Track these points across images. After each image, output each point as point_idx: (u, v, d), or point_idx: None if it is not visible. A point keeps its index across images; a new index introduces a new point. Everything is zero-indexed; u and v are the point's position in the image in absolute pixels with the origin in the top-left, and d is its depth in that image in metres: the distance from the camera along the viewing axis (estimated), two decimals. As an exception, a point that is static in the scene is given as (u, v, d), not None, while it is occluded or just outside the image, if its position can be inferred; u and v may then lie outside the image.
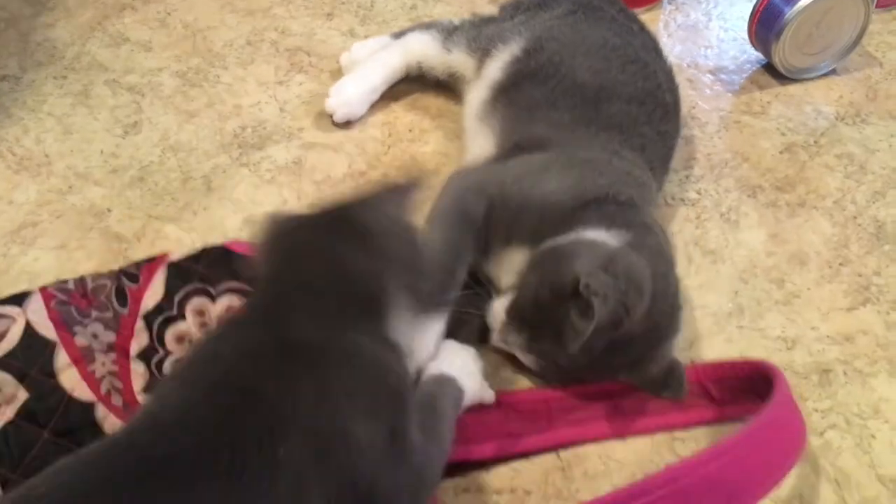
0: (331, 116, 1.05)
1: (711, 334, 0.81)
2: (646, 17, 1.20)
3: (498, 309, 0.76)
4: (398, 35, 1.12)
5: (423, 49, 1.06)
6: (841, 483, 0.71)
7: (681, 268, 0.86)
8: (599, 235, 0.74)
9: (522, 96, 0.91)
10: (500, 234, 0.79)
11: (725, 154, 1.00)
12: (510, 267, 0.78)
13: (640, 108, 0.89)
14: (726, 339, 0.81)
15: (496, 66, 0.96)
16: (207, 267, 0.78)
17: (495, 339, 0.77)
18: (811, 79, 1.09)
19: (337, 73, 1.11)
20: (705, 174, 0.97)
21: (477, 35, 1.03)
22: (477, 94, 0.96)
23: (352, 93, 1.05)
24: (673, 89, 0.95)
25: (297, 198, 0.96)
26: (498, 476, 0.71)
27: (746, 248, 0.89)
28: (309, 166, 1.00)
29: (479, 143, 0.92)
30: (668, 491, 0.62)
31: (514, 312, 0.74)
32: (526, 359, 0.76)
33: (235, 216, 0.94)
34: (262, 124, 1.05)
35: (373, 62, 1.07)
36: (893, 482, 0.71)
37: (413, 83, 1.11)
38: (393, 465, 0.55)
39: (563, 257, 0.72)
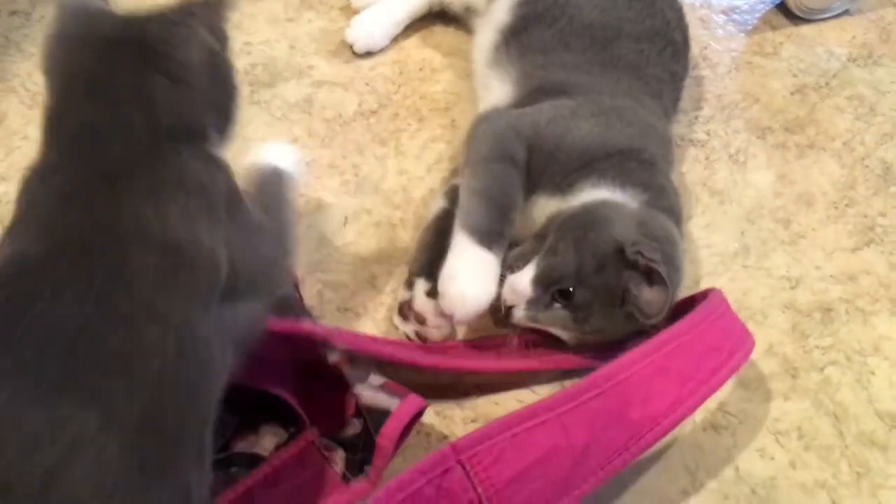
0: (350, 47, 1.05)
1: (716, 273, 0.82)
2: (659, -46, 1.18)
3: (521, 283, 0.71)
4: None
5: None
6: (839, 417, 0.73)
7: (688, 208, 0.87)
8: (616, 195, 0.75)
9: (533, 39, 0.91)
10: (530, 181, 0.76)
11: (736, 95, 1.00)
12: (535, 217, 0.77)
13: (650, 47, 0.89)
14: (731, 278, 0.82)
15: (504, 6, 0.95)
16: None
17: (521, 315, 0.72)
18: (825, 19, 1.08)
19: (347, 11, 1.10)
20: (715, 115, 0.97)
21: None
22: (486, 38, 0.95)
23: (374, 24, 1.06)
24: (682, 27, 0.95)
25: (308, 135, 0.97)
26: (505, 408, 0.74)
27: (754, 189, 0.90)
28: (319, 104, 1.01)
29: (495, 90, 0.91)
30: (601, 390, 0.60)
31: (544, 285, 0.71)
32: (562, 333, 0.73)
33: (245, 153, 0.95)
34: (272, 62, 1.05)
35: None
36: (890, 417, 0.73)
37: (425, 20, 1.10)
38: (248, 244, 0.59)
39: (595, 223, 0.72)
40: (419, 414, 0.64)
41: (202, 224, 0.56)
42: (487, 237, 0.71)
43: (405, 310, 0.77)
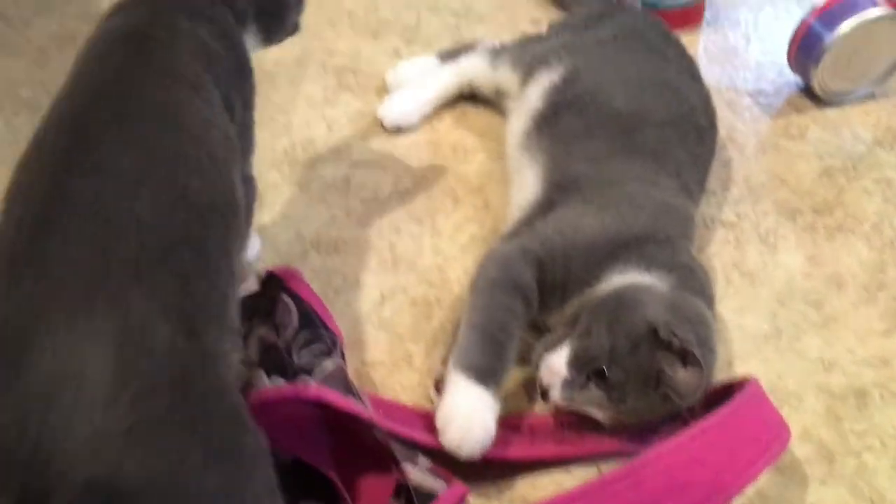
0: (381, 123, 1.10)
1: (749, 356, 0.83)
2: (685, 39, 1.21)
3: (557, 364, 0.73)
4: (443, 54, 1.16)
5: (474, 68, 1.11)
6: (876, 503, 0.72)
7: (719, 290, 0.89)
8: (644, 278, 0.77)
9: (561, 127, 0.94)
10: (558, 291, 0.78)
11: (763, 177, 1.01)
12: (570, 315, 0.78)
13: (673, 132, 0.92)
14: (763, 360, 0.83)
15: (536, 94, 0.99)
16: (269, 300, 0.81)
17: (557, 396, 0.74)
18: (849, 103, 1.10)
19: (383, 92, 1.15)
20: (744, 197, 0.99)
21: (522, 53, 1.07)
22: (519, 123, 0.99)
23: (405, 102, 1.11)
24: (709, 112, 0.98)
25: (346, 214, 1.00)
26: (545, 491, 0.74)
27: (784, 271, 0.91)
28: (356, 184, 1.04)
29: (523, 177, 0.94)
30: (638, 479, 0.62)
31: (579, 365, 0.73)
32: (598, 414, 0.74)
33: (286, 231, 0.98)
34: (311, 142, 1.09)
35: (429, 79, 1.12)
36: (928, 504, 0.72)
37: (459, 101, 1.14)
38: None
39: (627, 305, 0.73)
40: (462, 500, 0.65)
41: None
42: (483, 375, 0.72)
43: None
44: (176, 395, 0.49)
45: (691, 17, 1.24)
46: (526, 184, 0.92)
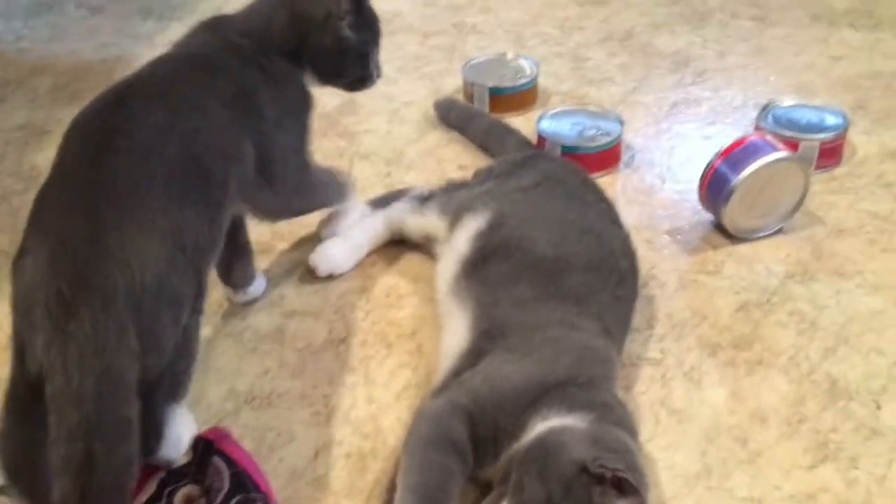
0: (313, 271, 1.11)
1: (681, 496, 0.84)
2: (604, 180, 1.29)
3: None
4: (374, 202, 1.20)
5: (403, 214, 1.15)
6: None
7: (648, 429, 0.90)
8: (565, 420, 0.78)
9: (488, 273, 0.97)
10: (490, 445, 0.79)
11: (685, 313, 1.05)
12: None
13: (595, 276, 0.96)
14: (696, 500, 0.84)
15: (464, 239, 1.02)
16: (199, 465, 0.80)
17: None
18: (760, 238, 1.16)
19: (316, 240, 1.17)
20: (667, 333, 1.03)
21: (449, 200, 1.11)
22: (447, 269, 1.02)
23: (337, 249, 1.13)
24: (629, 255, 1.02)
25: (279, 366, 1.00)
26: None
27: (710, 407, 0.93)
28: (290, 334, 1.05)
29: (452, 323, 0.96)
30: None
31: None
32: None
33: (219, 386, 0.98)
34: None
35: (359, 226, 1.15)
36: None
37: (391, 245, 1.17)
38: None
39: (551, 450, 0.74)
40: None
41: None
42: None
43: None
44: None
45: (609, 160, 1.31)
46: (455, 331, 0.94)
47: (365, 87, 1.05)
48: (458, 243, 1.03)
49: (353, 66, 1.02)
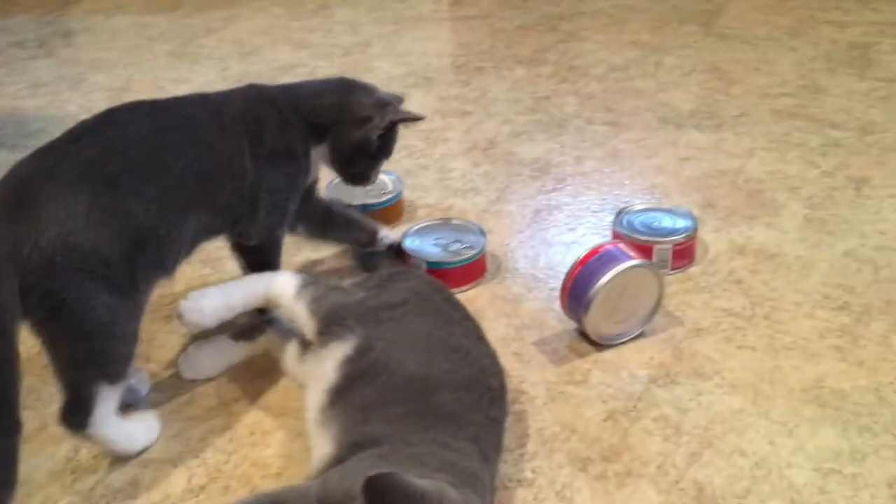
0: (179, 317, 1.07)
1: None
2: (472, 293, 1.30)
3: None
4: (237, 334, 1.17)
5: (283, 287, 1.12)
6: None
7: (522, 557, 0.89)
8: None
9: (356, 397, 0.95)
10: None
11: (555, 427, 1.05)
12: None
13: (468, 395, 0.95)
14: None
15: (331, 368, 1.00)
16: None
17: None
18: (624, 343, 1.19)
19: (176, 377, 1.12)
20: (538, 451, 1.02)
21: (322, 296, 1.09)
22: (315, 399, 0.99)
23: (207, 301, 1.09)
24: (498, 373, 1.02)
25: (134, 524, 0.94)
26: None
27: (583, 526, 0.92)
28: (146, 486, 0.98)
29: (320, 448, 0.93)
30: None
31: None
32: None
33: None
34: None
35: (238, 282, 1.13)
36: None
37: (254, 380, 1.13)
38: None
39: None
40: None
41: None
42: None
43: None
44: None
45: (475, 272, 1.32)
46: (323, 451, 0.91)
47: (360, 185, 1.26)
48: (325, 371, 1.00)
49: (362, 165, 1.23)
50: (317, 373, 1.02)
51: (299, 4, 2.61)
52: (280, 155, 1.13)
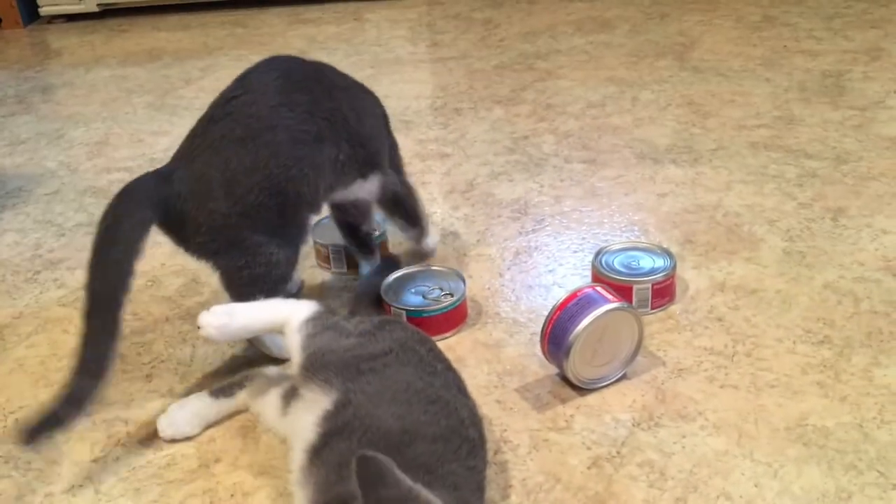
0: (199, 328, 1.11)
1: None
2: (453, 340, 1.29)
3: None
4: (216, 391, 1.16)
5: (296, 316, 1.12)
6: None
7: None
8: None
9: (333, 455, 0.94)
10: None
11: (538, 476, 1.04)
12: None
13: (445, 446, 0.94)
14: None
15: (311, 422, 0.99)
16: None
17: None
18: (606, 386, 1.18)
19: (155, 438, 1.11)
20: (522, 502, 1.01)
21: (318, 333, 1.10)
22: (296, 458, 0.98)
23: (227, 318, 1.12)
24: (477, 424, 1.01)
25: None
26: None
27: (569, 580, 0.91)
28: (125, 555, 0.97)
29: None
30: None
31: None
32: None
33: None
34: (76, 512, 1.02)
35: (262, 303, 1.16)
36: None
37: (235, 440, 1.12)
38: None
39: None
40: None
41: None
42: None
43: None
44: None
45: (455, 319, 1.31)
46: None
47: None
48: (305, 428, 0.99)
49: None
50: (297, 428, 1.02)
51: (277, 52, 2.63)
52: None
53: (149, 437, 1.14)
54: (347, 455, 0.92)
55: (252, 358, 1.28)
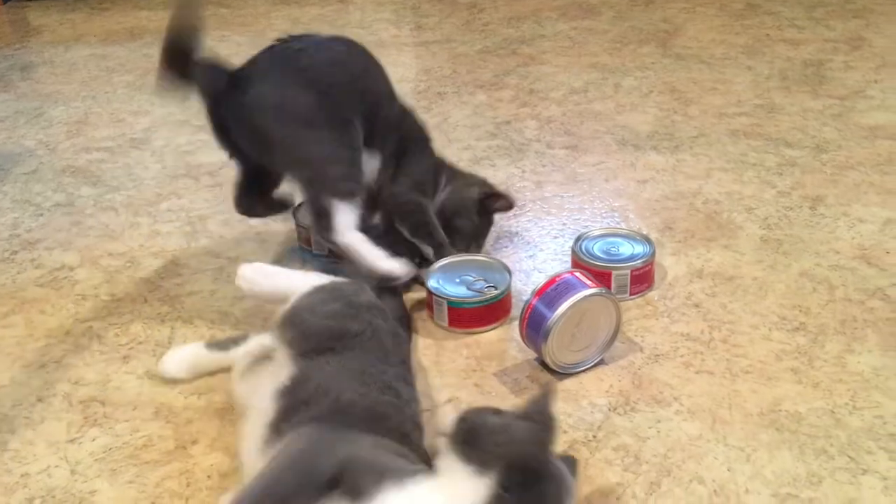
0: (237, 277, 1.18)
1: None
2: (432, 326, 1.29)
3: None
4: (213, 344, 1.19)
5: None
6: None
7: None
8: None
9: (294, 425, 0.94)
10: None
11: (515, 460, 1.05)
12: None
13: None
14: None
15: (265, 397, 0.98)
16: None
17: None
18: (584, 371, 1.19)
19: (132, 419, 1.11)
20: (498, 484, 1.01)
21: (305, 299, 1.11)
22: (252, 433, 0.97)
23: (262, 278, 1.18)
24: (418, 424, 1.02)
25: (88, 575, 0.92)
26: None
27: (543, 561, 0.92)
28: (101, 535, 0.97)
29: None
30: None
31: None
32: None
33: None
34: (51, 493, 1.02)
35: (296, 272, 1.21)
36: None
37: (212, 421, 1.12)
38: None
39: None
40: None
41: None
42: None
43: None
44: None
45: (498, 312, 1.29)
46: None
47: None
48: (262, 400, 0.99)
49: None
50: (255, 397, 1.02)
51: (261, 33, 2.62)
52: None
53: (126, 418, 1.13)
54: (319, 416, 0.93)
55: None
